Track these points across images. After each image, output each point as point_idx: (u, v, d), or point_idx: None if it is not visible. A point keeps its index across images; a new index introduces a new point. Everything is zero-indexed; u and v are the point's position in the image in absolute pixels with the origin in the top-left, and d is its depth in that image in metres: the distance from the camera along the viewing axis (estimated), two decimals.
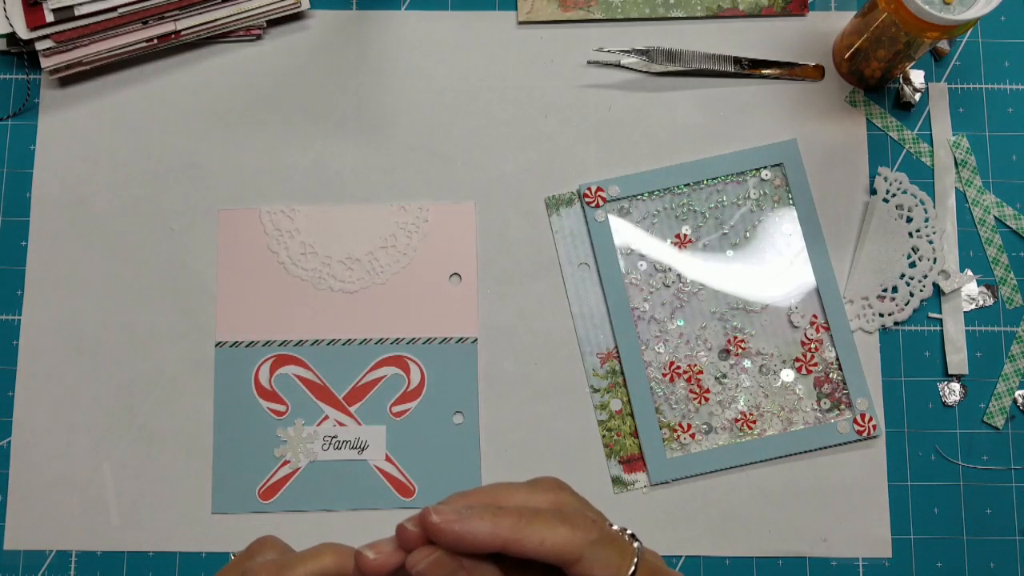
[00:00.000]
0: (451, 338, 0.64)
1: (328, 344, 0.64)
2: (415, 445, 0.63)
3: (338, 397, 0.63)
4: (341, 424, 0.63)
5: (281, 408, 0.63)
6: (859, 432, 0.62)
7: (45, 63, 0.63)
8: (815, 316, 0.64)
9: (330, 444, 0.63)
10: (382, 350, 0.64)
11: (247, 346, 0.64)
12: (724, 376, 0.64)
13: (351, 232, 0.65)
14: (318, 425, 0.63)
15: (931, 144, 0.67)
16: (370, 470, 0.62)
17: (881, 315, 0.64)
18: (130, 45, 0.64)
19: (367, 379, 0.63)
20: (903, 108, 0.67)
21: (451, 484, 0.62)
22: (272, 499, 0.62)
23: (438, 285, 0.64)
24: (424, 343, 0.64)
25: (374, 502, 0.62)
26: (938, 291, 0.65)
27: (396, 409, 0.63)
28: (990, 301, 0.65)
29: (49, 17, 0.62)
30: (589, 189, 0.65)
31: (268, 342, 0.64)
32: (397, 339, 0.64)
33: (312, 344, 0.64)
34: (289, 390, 0.63)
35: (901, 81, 0.67)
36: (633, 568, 0.37)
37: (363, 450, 0.63)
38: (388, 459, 0.63)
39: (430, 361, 0.64)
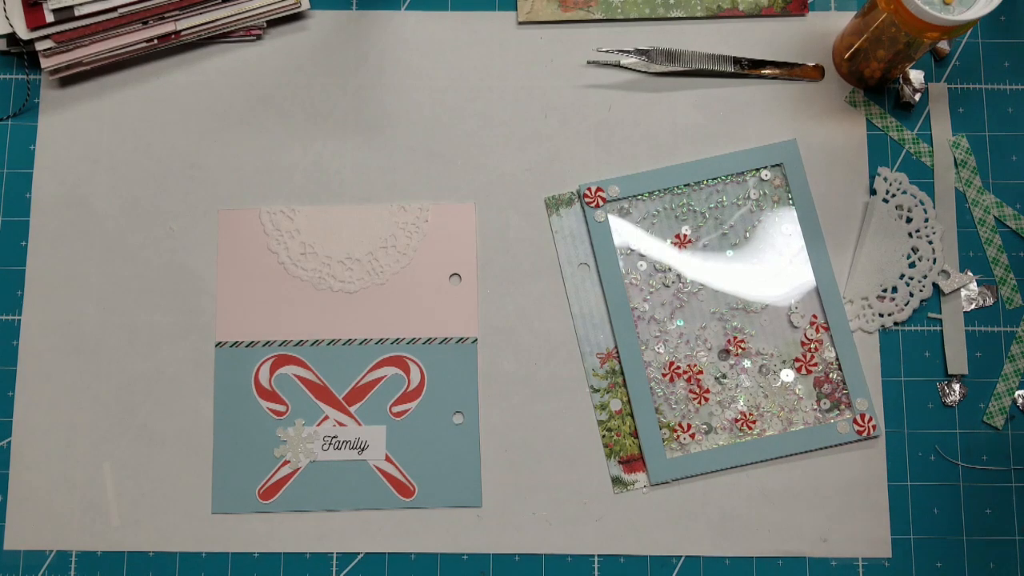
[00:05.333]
0: (451, 338, 0.64)
1: (328, 344, 0.64)
2: (415, 445, 0.63)
3: (338, 397, 0.63)
4: (341, 424, 0.63)
5: (281, 408, 0.63)
6: (859, 432, 0.62)
7: (45, 63, 0.63)
8: (815, 316, 0.64)
9: (330, 444, 0.63)
10: (382, 350, 0.64)
11: (247, 346, 0.64)
12: (724, 376, 0.64)
13: (351, 232, 0.65)
14: (318, 425, 0.63)
15: (931, 144, 0.67)
16: (370, 470, 0.62)
17: (881, 315, 0.64)
18: (130, 45, 0.64)
19: (367, 379, 0.63)
20: (903, 108, 0.67)
21: (452, 483, 0.62)
22: (272, 499, 0.62)
23: (438, 285, 0.64)
24: (424, 343, 0.64)
25: (374, 502, 0.62)
26: (938, 291, 0.65)
27: (396, 409, 0.63)
28: (990, 301, 0.65)
29: (49, 17, 0.62)
30: (589, 189, 0.65)
31: (268, 342, 0.64)
32: (397, 339, 0.64)
33: (312, 344, 0.64)
34: (289, 390, 0.63)
35: (901, 81, 0.67)
36: None
37: (363, 450, 0.63)
38: (388, 459, 0.63)
39: (430, 361, 0.64)
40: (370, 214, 0.65)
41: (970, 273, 0.65)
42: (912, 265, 0.65)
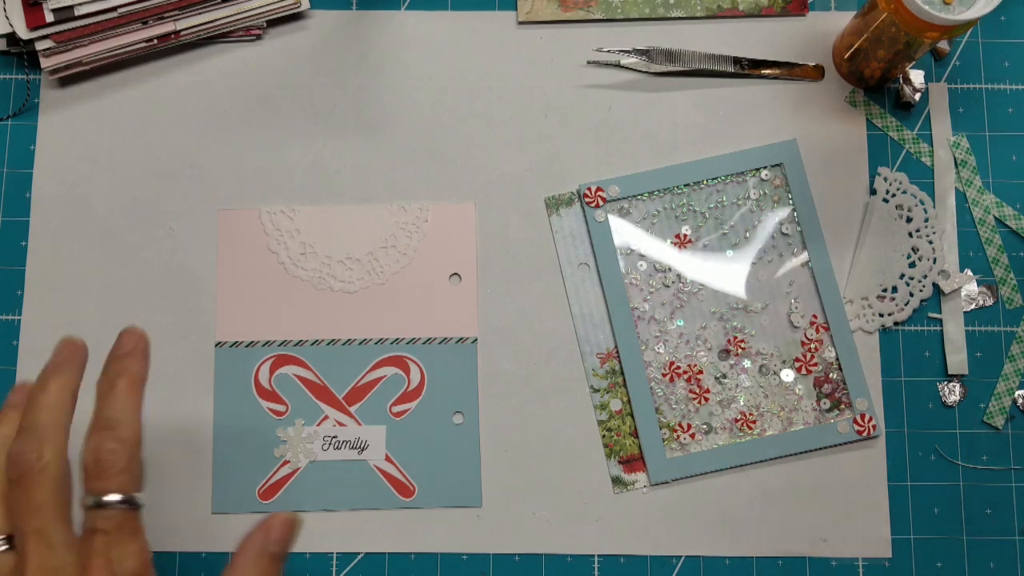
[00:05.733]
0: (451, 338, 0.64)
1: (328, 344, 0.64)
2: (415, 445, 0.63)
3: (338, 397, 0.63)
4: (341, 424, 0.63)
5: (281, 408, 0.63)
6: (859, 432, 0.62)
7: (45, 63, 0.63)
8: (815, 316, 0.64)
9: (330, 444, 0.63)
10: (382, 350, 0.64)
11: (247, 346, 0.64)
12: (724, 376, 0.64)
13: (351, 232, 0.65)
14: (318, 425, 0.63)
15: (931, 144, 0.67)
16: (370, 470, 0.62)
17: (881, 315, 0.64)
18: (130, 45, 0.64)
19: (367, 379, 0.63)
20: (903, 108, 0.67)
21: (452, 484, 0.62)
22: (272, 499, 0.62)
23: (438, 285, 0.64)
24: (424, 343, 0.64)
25: (374, 502, 0.62)
26: (938, 291, 0.65)
27: (396, 409, 0.63)
28: (990, 301, 0.65)
29: (49, 17, 0.62)
30: (589, 189, 0.65)
31: (268, 342, 0.64)
32: (397, 339, 0.64)
33: (312, 344, 0.64)
34: (289, 390, 0.63)
35: (901, 81, 0.67)
36: None
37: (363, 450, 0.63)
38: (388, 459, 0.63)
39: (430, 361, 0.64)
40: (370, 214, 0.65)
41: (970, 273, 0.65)
42: (912, 265, 0.65)
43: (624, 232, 0.65)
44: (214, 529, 0.62)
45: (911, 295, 0.64)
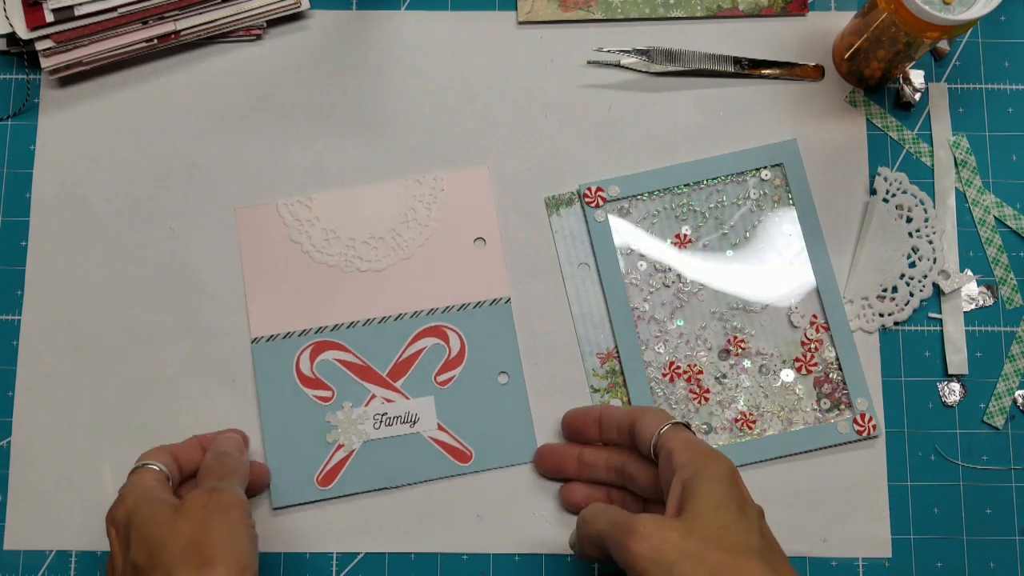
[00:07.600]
0: (484, 301, 0.64)
1: (364, 324, 0.63)
2: (465, 410, 0.63)
3: (382, 375, 0.63)
4: (389, 401, 0.63)
5: (326, 394, 0.63)
6: (859, 432, 0.62)
7: (45, 63, 0.63)
8: (815, 316, 0.64)
9: (381, 422, 0.62)
10: (418, 322, 0.64)
11: (284, 338, 0.63)
12: (724, 376, 0.64)
13: (370, 212, 0.65)
14: (366, 405, 0.63)
15: (931, 144, 0.67)
16: (424, 441, 0.62)
17: (881, 315, 0.64)
18: (130, 45, 0.64)
19: (408, 353, 0.63)
20: (903, 108, 0.67)
21: (506, 443, 0.62)
22: (331, 484, 0.62)
23: (463, 251, 0.64)
24: (459, 310, 0.64)
25: (434, 472, 0.62)
26: (938, 291, 0.65)
27: (441, 378, 0.63)
28: (990, 301, 0.65)
29: (49, 17, 0.62)
30: (589, 189, 0.65)
31: (304, 331, 0.63)
32: (431, 310, 0.64)
33: (348, 327, 0.63)
34: (332, 375, 0.63)
35: (901, 81, 0.67)
36: (667, 427, 0.54)
37: (414, 423, 0.62)
38: (440, 428, 0.62)
39: (467, 326, 0.63)
40: (386, 191, 0.65)
41: (970, 273, 0.65)
42: (912, 265, 0.65)
43: (624, 232, 0.65)
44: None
45: (911, 295, 0.64)
